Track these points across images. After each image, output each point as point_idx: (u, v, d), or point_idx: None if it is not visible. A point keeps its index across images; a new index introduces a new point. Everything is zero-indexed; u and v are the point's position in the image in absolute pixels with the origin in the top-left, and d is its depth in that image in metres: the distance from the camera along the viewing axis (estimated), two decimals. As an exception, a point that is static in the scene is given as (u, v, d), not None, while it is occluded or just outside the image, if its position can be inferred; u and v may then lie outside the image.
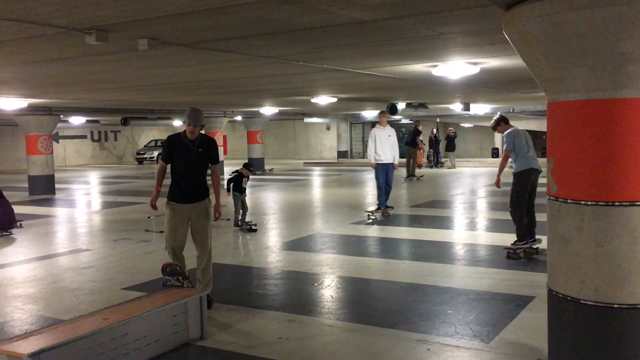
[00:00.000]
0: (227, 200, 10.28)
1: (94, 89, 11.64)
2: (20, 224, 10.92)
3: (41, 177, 17.29)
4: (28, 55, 6.93)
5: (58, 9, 4.51)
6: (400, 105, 17.67)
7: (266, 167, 25.72)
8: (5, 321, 5.52)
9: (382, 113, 11.83)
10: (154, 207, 5.82)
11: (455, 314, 5.38)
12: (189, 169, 5.60)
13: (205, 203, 5.69)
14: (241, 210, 10.29)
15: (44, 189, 17.20)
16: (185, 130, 5.60)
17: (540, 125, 23.99)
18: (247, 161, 10.85)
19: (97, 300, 6.04)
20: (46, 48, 6.36)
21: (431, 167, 24.80)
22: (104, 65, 7.98)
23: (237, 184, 10.43)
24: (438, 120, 24.05)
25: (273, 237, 9.73)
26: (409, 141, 21.41)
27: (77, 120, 23.63)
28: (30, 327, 5.21)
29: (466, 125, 31.97)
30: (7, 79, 9.66)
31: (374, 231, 9.92)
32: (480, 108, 21.89)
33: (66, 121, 23.08)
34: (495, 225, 10.18)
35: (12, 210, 10.61)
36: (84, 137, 34.11)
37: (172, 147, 5.63)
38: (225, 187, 10.49)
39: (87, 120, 24.73)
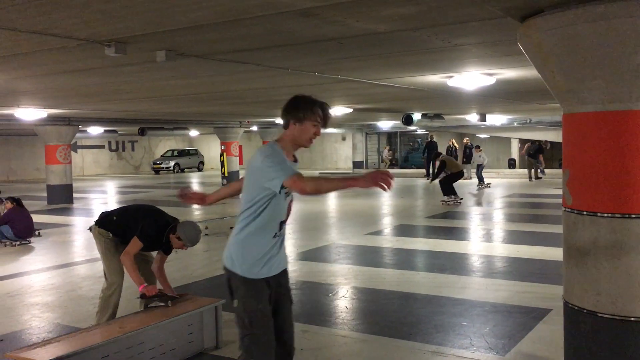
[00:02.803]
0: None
1: (113, 99, 11.79)
2: (39, 233, 11.06)
3: (60, 187, 17.51)
4: (49, 67, 7.06)
5: (79, 22, 4.60)
6: (416, 116, 17.65)
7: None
8: (24, 329, 5.59)
9: None
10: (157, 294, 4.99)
11: (471, 326, 5.35)
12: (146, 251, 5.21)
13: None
14: None
15: (62, 198, 17.41)
16: (172, 237, 4.90)
17: (557, 136, 23.80)
18: None
19: (114, 308, 6.09)
20: (66, 60, 6.48)
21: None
22: (123, 77, 8.10)
23: None
24: (451, 142, 24.33)
25: (288, 247, 9.70)
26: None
27: (95, 130, 23.96)
28: (48, 335, 5.27)
29: (482, 135, 31.81)
30: (28, 90, 9.84)
31: (389, 242, 9.89)
32: (496, 119, 21.76)
33: (85, 131, 23.40)
34: (512, 237, 10.11)
35: (31, 219, 10.76)
36: (102, 147, 34.52)
37: (153, 238, 4.96)
38: None
39: (105, 130, 25.05)
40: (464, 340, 4.98)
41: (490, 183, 20.44)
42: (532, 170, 22.92)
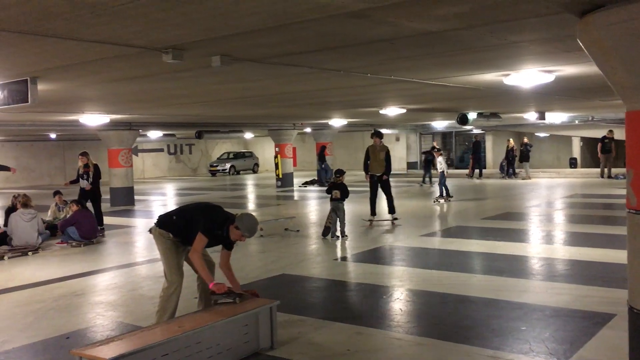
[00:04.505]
0: (296, 211, 10.37)
1: (170, 104, 12.13)
2: (103, 234, 11.49)
3: (122, 189, 18.16)
4: (110, 74, 7.34)
5: (138, 30, 4.77)
6: (471, 115, 17.34)
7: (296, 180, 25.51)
8: (89, 327, 5.82)
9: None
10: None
11: (530, 331, 5.20)
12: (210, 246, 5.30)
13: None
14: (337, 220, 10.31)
15: (124, 200, 18.03)
16: (231, 227, 5.00)
17: (622, 133, 22.85)
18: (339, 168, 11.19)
19: (173, 308, 6.26)
20: (126, 67, 6.71)
21: (504, 177, 24.11)
22: (180, 82, 8.32)
23: (345, 193, 10.41)
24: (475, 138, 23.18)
25: (342, 248, 9.75)
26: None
27: (154, 134, 24.70)
28: (111, 333, 5.47)
29: (541, 134, 30.92)
30: (92, 97, 10.25)
31: (444, 244, 9.75)
32: (556, 117, 21.09)
33: (145, 135, 24.16)
34: (573, 239, 9.78)
35: (95, 220, 11.19)
36: (161, 150, 35.53)
37: (214, 232, 5.09)
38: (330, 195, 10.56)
39: (164, 134, 25.78)
40: (523, 345, 4.85)
41: (452, 196, 16.27)
42: (605, 169, 22.01)
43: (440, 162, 16.17)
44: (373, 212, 11.99)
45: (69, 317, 6.14)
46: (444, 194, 15.96)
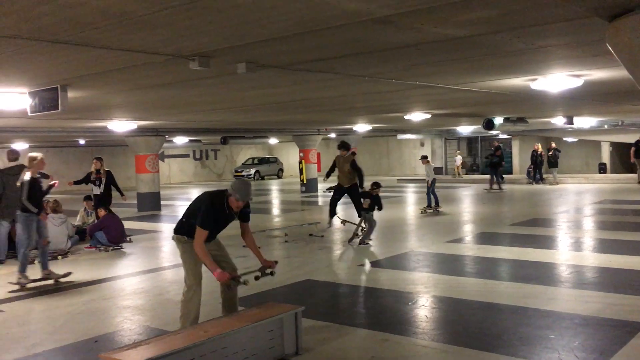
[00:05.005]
0: (320, 216, 10.36)
1: (196, 110, 12.27)
2: (130, 239, 11.65)
3: (148, 194, 18.39)
4: (137, 82, 7.46)
5: (165, 39, 4.84)
6: (498, 120, 17.17)
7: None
8: (116, 331, 5.90)
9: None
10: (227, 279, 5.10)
11: (559, 339, 5.11)
12: (218, 232, 5.32)
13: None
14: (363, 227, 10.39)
15: (151, 205, 18.26)
16: (230, 199, 5.10)
17: (652, 137, 22.34)
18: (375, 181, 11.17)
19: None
20: (154, 74, 6.81)
21: (531, 183, 23.79)
22: (206, 89, 8.41)
23: (377, 204, 10.45)
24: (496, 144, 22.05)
25: (367, 254, 9.72)
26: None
27: (180, 140, 24.97)
28: (138, 338, 5.53)
29: (569, 139, 30.44)
30: (120, 104, 10.42)
31: (470, 250, 9.66)
32: (585, 121, 20.75)
33: (171, 141, 24.44)
34: (603, 246, 9.59)
35: (122, 225, 11.35)
36: (187, 156, 35.91)
37: (216, 217, 5.16)
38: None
39: (190, 140, 26.05)
40: (551, 354, 4.77)
41: (441, 207, 15.19)
42: None
43: (429, 170, 15.29)
44: (333, 213, 11.63)
45: (97, 321, 6.22)
46: (433, 204, 14.97)
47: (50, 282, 8.03)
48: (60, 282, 8.10)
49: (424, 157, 15.89)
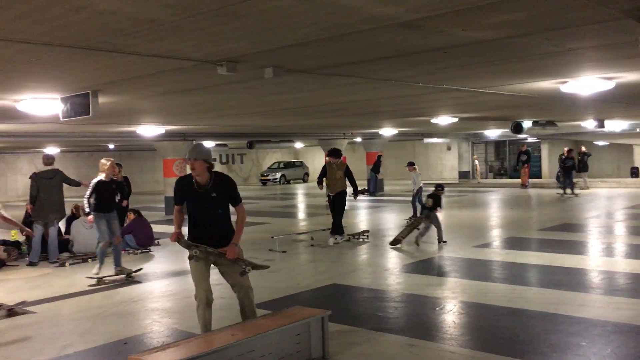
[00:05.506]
0: (346, 220, 10.31)
1: (223, 115, 12.38)
2: (158, 242, 11.79)
3: (176, 198, 18.55)
4: (166, 87, 7.56)
5: (194, 44, 4.90)
6: (526, 124, 16.94)
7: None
8: (145, 333, 5.97)
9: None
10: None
11: (591, 347, 5.01)
12: (208, 218, 4.96)
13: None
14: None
15: (179, 209, 18.42)
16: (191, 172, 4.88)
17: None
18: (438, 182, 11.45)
19: (225, 316, 6.33)
20: (182, 79, 6.90)
21: (561, 193, 23.36)
22: (233, 93, 8.49)
23: (438, 203, 10.81)
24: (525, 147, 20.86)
25: (393, 258, 9.67)
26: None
27: (207, 144, 25.18)
28: (167, 340, 5.59)
29: (600, 143, 29.86)
30: (148, 109, 10.58)
31: (498, 255, 9.53)
32: (616, 124, 20.34)
33: (198, 145, 24.66)
34: (636, 252, 9.38)
35: (151, 228, 11.50)
36: (214, 160, 36.20)
37: (183, 193, 4.98)
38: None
39: (217, 144, 26.28)
40: (582, 361, 4.68)
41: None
42: None
43: (415, 178, 14.28)
44: (340, 230, 11.26)
45: (127, 323, 6.31)
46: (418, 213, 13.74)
47: (122, 277, 8.57)
48: (132, 277, 8.58)
49: (410, 164, 14.87)
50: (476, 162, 30.10)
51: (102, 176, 8.62)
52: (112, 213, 8.64)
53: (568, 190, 20.17)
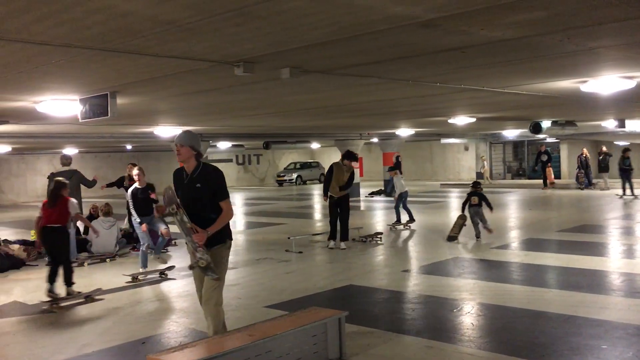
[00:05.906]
0: (362, 221, 10.23)
1: (240, 115, 12.41)
2: (175, 242, 11.85)
3: (192, 199, 18.66)
4: (183, 88, 7.59)
5: (211, 45, 4.91)
6: (545, 124, 16.76)
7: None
8: (163, 332, 6.00)
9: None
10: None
11: (612, 350, 4.94)
12: (191, 208, 4.72)
13: (217, 250, 4.76)
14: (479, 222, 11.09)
15: (195, 209, 18.51)
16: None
17: None
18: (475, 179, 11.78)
19: (242, 316, 6.36)
20: (199, 80, 6.92)
21: (581, 189, 23.12)
22: (249, 94, 8.50)
23: (484, 199, 11.28)
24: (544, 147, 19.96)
25: (411, 259, 9.62)
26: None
27: (224, 145, 25.31)
28: (184, 340, 5.61)
29: (621, 143, 29.44)
30: (166, 110, 10.64)
31: (517, 256, 9.44)
32: (637, 124, 20.04)
33: (214, 146, 24.81)
34: (657, 253, 9.23)
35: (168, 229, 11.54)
36: (230, 160, 36.36)
37: (175, 182, 4.93)
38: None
39: (233, 145, 26.39)
40: (604, 365, 4.61)
41: (413, 221, 13.39)
42: None
43: (397, 182, 13.56)
44: (333, 235, 10.87)
45: (145, 323, 6.35)
46: (402, 219, 13.38)
47: (158, 271, 8.98)
48: (166, 274, 8.91)
49: (391, 169, 14.35)
50: (484, 162, 29.85)
51: (136, 184, 9.06)
52: (150, 216, 9.10)
53: (628, 192, 19.22)
